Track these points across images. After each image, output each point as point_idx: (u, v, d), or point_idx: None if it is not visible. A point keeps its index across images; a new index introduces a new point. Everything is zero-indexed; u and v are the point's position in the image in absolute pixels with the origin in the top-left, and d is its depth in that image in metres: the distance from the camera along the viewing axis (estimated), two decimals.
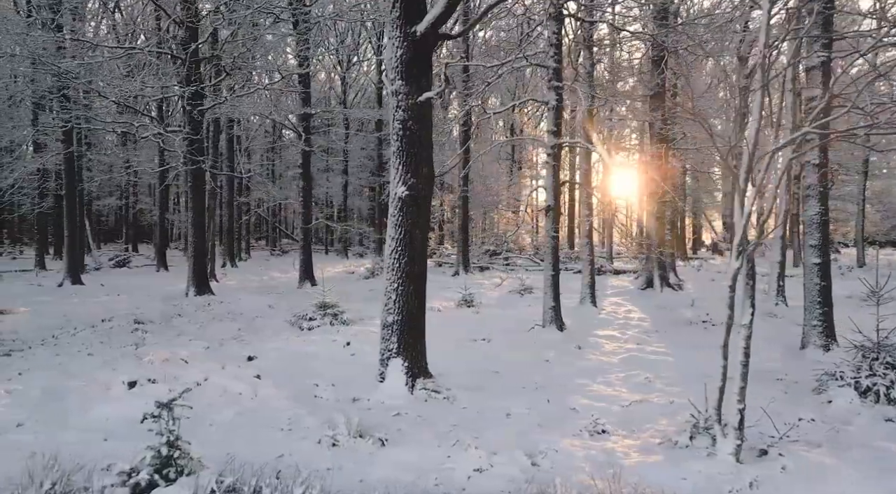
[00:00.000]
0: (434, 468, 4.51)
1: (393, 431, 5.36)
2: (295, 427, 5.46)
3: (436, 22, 6.30)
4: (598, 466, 4.54)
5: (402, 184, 6.68)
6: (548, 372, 8.21)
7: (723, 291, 16.28)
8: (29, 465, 4.07)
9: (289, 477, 4.07)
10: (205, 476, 4.00)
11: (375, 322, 12.67)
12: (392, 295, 6.91)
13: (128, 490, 4.06)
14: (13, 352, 9.36)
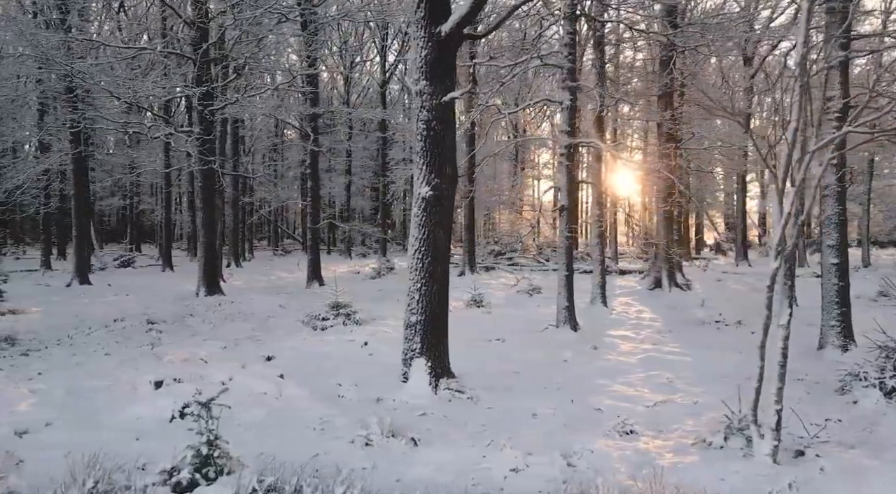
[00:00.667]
0: (470, 468, 4.52)
1: (423, 431, 5.36)
2: (327, 426, 5.47)
3: (461, 22, 6.31)
4: (633, 466, 4.54)
5: (426, 184, 6.69)
6: (567, 372, 8.22)
7: (731, 291, 16.49)
8: (70, 464, 4.07)
9: (328, 477, 4.07)
10: (245, 476, 4.01)
11: (388, 322, 12.73)
12: (415, 295, 6.92)
13: (169, 489, 4.07)
14: (31, 352, 9.38)
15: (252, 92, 15.11)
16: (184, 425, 5.80)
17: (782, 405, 4.61)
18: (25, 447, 4.94)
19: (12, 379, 7.55)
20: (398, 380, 7.24)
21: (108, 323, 12.27)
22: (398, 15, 21.57)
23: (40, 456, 4.71)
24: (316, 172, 19.71)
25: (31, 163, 22.56)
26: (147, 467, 4.55)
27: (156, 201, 45.26)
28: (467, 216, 25.86)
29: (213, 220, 16.02)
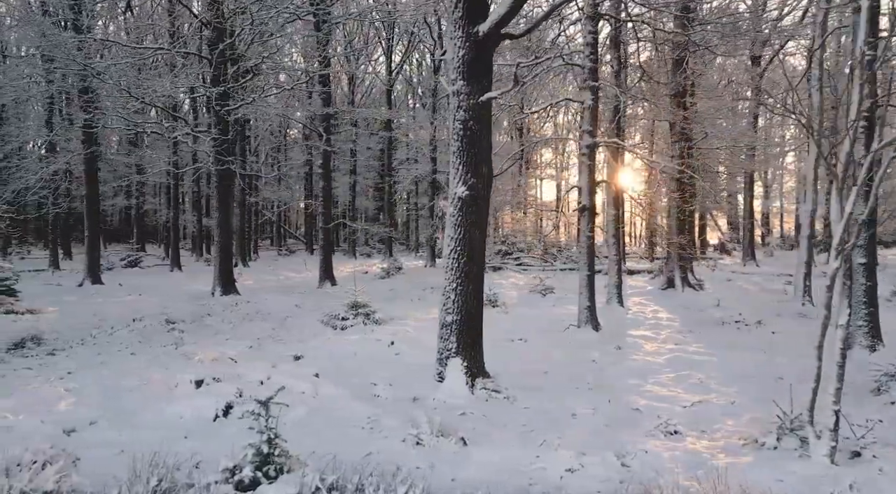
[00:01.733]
0: (525, 468, 4.52)
1: (469, 431, 5.36)
2: (374, 425, 5.47)
3: (500, 22, 6.31)
4: (687, 467, 4.55)
5: (463, 183, 6.70)
6: (597, 372, 8.22)
7: (743, 291, 16.46)
8: (130, 462, 4.07)
9: (387, 476, 4.08)
10: (307, 474, 4.01)
11: (407, 321, 12.75)
12: (451, 295, 6.92)
13: (231, 487, 4.07)
14: (57, 351, 9.39)
15: (269, 92, 15.05)
16: (227, 423, 5.83)
17: (840, 405, 4.61)
18: (76, 445, 4.91)
19: (44, 377, 7.57)
20: (432, 380, 7.25)
21: (127, 322, 12.27)
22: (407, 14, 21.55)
23: (93, 455, 4.71)
24: (328, 172, 19.72)
25: (43, 163, 22.55)
26: (201, 465, 4.55)
27: (159, 201, 45.30)
28: None
29: (229, 221, 16.02)
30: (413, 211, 45.77)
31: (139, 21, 27.29)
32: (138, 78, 14.95)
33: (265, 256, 42.65)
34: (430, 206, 32.82)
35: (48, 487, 3.95)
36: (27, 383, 7.31)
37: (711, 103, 20.05)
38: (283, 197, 45.18)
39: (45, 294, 17.07)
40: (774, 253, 40.03)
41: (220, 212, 15.45)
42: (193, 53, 14.97)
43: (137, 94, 14.41)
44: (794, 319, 12.99)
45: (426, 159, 36.54)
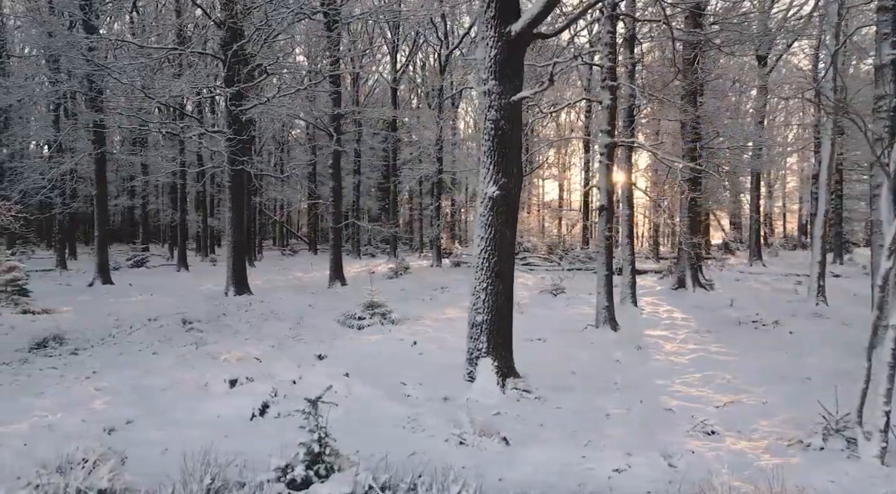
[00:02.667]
0: (572, 468, 4.53)
1: (508, 430, 5.36)
2: (415, 425, 5.47)
3: (533, 21, 6.31)
4: (733, 467, 4.53)
5: (493, 183, 6.70)
6: (623, 372, 8.22)
7: (754, 291, 16.38)
8: (181, 461, 4.09)
9: (439, 475, 4.08)
10: (361, 473, 4.01)
11: (424, 321, 12.76)
12: (481, 295, 6.93)
13: (283, 486, 4.08)
14: (79, 351, 9.39)
15: (286, 91, 15.04)
16: (264, 422, 5.83)
17: (891, 407, 4.60)
18: (119, 443, 4.93)
19: (71, 377, 7.57)
20: (461, 380, 7.25)
21: (144, 322, 12.27)
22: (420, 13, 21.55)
23: (138, 453, 4.72)
24: (338, 172, 19.71)
25: (52, 163, 22.53)
26: (247, 464, 4.55)
27: (162, 201, 45.32)
28: None
29: (242, 220, 16.03)
30: (417, 211, 45.80)
31: (144, 20, 27.30)
32: (154, 78, 14.91)
33: (269, 256, 42.66)
34: (437, 206, 32.82)
35: (102, 485, 3.96)
36: (56, 382, 7.32)
37: (721, 103, 20.06)
38: (288, 196, 45.20)
39: (57, 293, 17.08)
40: (779, 253, 40.11)
41: (233, 211, 15.45)
42: (208, 54, 14.96)
43: (153, 95, 14.39)
44: (810, 319, 12.99)
45: (431, 159, 36.58)
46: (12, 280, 13.13)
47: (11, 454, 4.62)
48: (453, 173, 37.51)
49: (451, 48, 32.73)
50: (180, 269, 28.18)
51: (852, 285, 19.80)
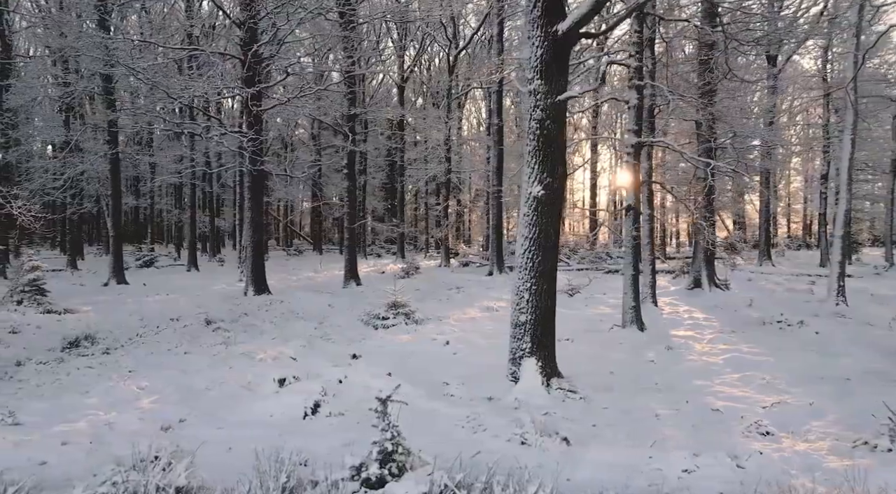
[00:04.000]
0: (640, 468, 4.52)
1: (566, 431, 5.36)
2: (474, 424, 5.47)
3: (581, 21, 6.31)
4: (801, 469, 4.53)
5: (538, 182, 6.69)
6: (659, 372, 8.22)
7: (768, 291, 16.34)
8: (256, 459, 4.09)
9: (513, 475, 4.07)
10: (437, 472, 4.01)
11: (448, 321, 12.77)
12: (525, 295, 6.92)
13: (358, 485, 4.07)
14: (111, 350, 9.38)
15: (305, 92, 15.02)
16: (316, 421, 5.84)
17: None
18: (179, 442, 4.92)
19: (110, 376, 7.56)
20: (502, 379, 7.24)
21: (167, 322, 12.28)
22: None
23: (202, 451, 4.69)
24: (353, 172, 19.71)
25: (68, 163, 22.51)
26: (308, 462, 4.56)
27: (167, 202, 45.31)
28: (495, 215, 25.84)
29: (261, 220, 16.01)
30: (422, 211, 45.83)
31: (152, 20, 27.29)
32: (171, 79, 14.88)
33: (274, 256, 42.58)
34: (445, 206, 32.82)
35: (179, 483, 3.96)
36: (96, 381, 7.31)
37: (735, 102, 20.04)
38: (293, 197, 45.22)
39: (74, 293, 17.05)
40: (785, 253, 40.15)
41: (252, 211, 15.43)
42: (228, 54, 14.94)
43: (176, 95, 14.38)
44: (833, 319, 12.98)
45: (437, 159, 36.58)
46: (34, 279, 13.11)
47: (81, 452, 4.62)
48: (458, 173, 37.56)
49: (459, 48, 32.74)
50: (190, 269, 28.16)
51: (867, 285, 19.82)
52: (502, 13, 26.09)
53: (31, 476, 3.96)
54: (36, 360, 8.36)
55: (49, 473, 4.26)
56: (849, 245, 33.36)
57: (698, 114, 17.39)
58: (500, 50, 25.87)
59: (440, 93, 41.70)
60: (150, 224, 40.50)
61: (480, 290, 19.41)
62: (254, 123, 14.51)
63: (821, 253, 32.31)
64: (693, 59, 13.49)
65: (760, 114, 29.57)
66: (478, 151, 42.95)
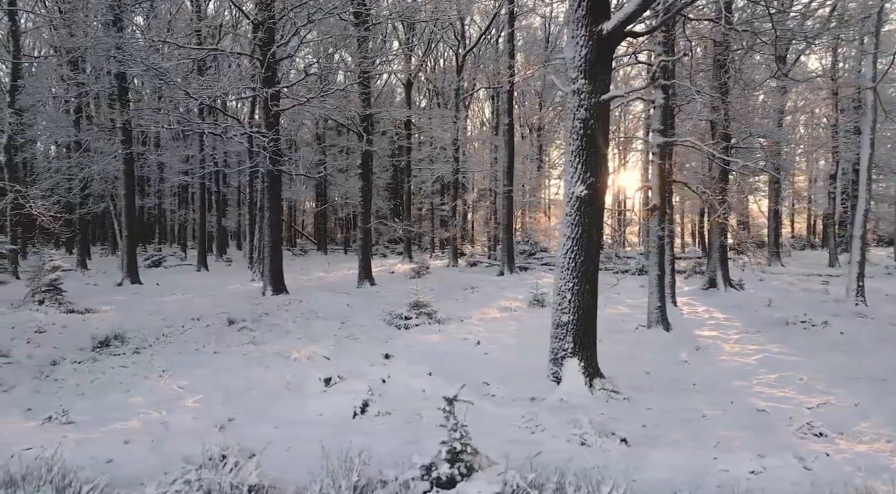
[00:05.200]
0: (706, 469, 4.50)
1: (619, 431, 5.34)
2: (531, 424, 5.45)
3: (626, 20, 6.30)
4: (869, 471, 4.50)
5: (581, 182, 6.68)
6: (695, 373, 8.20)
7: (783, 291, 16.32)
8: (324, 458, 4.08)
9: (584, 475, 4.06)
10: (510, 473, 3.99)
11: (471, 321, 12.77)
12: (567, 295, 6.90)
13: (428, 484, 4.06)
14: (140, 350, 9.35)
15: (328, 91, 15.01)
16: (366, 420, 5.82)
17: None
18: (236, 441, 4.92)
19: (145, 376, 7.55)
20: (542, 379, 7.23)
21: (189, 321, 12.25)
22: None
23: (260, 450, 4.69)
24: (367, 172, 19.71)
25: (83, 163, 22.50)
26: (369, 462, 4.53)
27: (172, 202, 45.30)
28: (505, 216, 25.82)
29: (278, 220, 16.01)
30: (428, 210, 45.81)
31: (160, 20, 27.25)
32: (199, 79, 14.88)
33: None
34: (453, 206, 32.81)
35: (252, 481, 3.95)
36: (134, 380, 7.30)
37: (750, 102, 20.06)
38: (297, 196, 45.19)
39: (89, 293, 17.01)
40: (791, 253, 40.14)
41: (270, 211, 15.41)
42: (247, 54, 14.92)
43: (197, 95, 14.36)
44: (854, 319, 12.97)
45: (444, 159, 36.57)
46: (55, 279, 13.09)
47: (143, 450, 4.61)
48: (466, 173, 37.57)
49: (468, 48, 32.75)
50: (200, 269, 28.12)
51: (881, 285, 19.80)
52: (513, 13, 26.11)
53: (103, 474, 3.94)
54: (70, 360, 8.33)
55: (117, 471, 4.25)
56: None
57: (713, 114, 17.44)
58: (512, 50, 25.86)
59: (446, 93, 41.77)
60: (157, 224, 40.38)
61: (494, 290, 19.39)
62: (273, 123, 14.49)
63: (829, 253, 32.31)
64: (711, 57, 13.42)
65: (769, 114, 29.61)
66: (481, 152, 42.94)
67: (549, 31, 43.20)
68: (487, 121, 47.79)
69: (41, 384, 7.18)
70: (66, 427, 5.31)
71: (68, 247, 37.27)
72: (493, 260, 32.41)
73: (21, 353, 8.69)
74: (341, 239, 57.08)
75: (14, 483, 3.83)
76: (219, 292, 17.91)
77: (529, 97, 44.03)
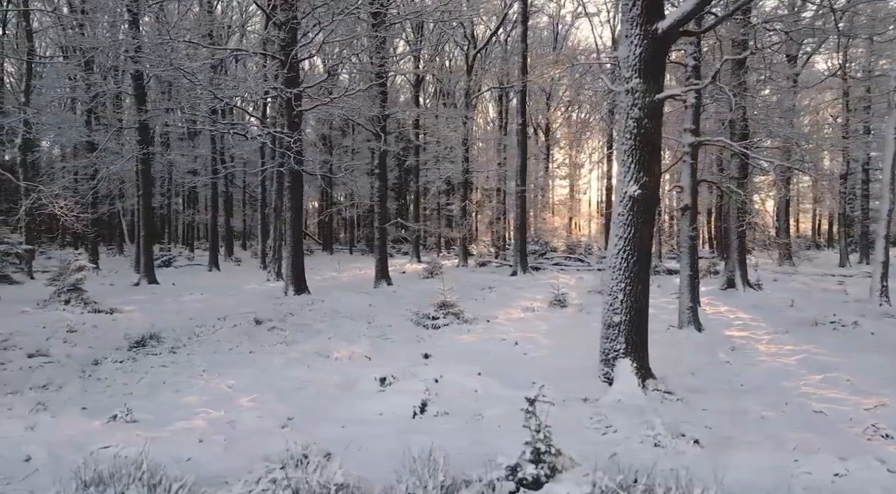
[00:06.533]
0: (789, 472, 4.46)
1: (688, 433, 5.31)
2: (599, 425, 5.42)
3: (683, 19, 6.27)
4: None
5: (634, 182, 6.65)
6: (739, 373, 8.17)
7: (801, 291, 16.18)
8: (405, 457, 4.06)
9: (672, 477, 4.03)
10: (597, 474, 3.96)
11: (498, 321, 12.76)
12: (619, 295, 6.87)
13: (514, 485, 4.04)
14: (176, 349, 9.31)
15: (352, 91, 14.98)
16: (426, 420, 5.80)
17: None
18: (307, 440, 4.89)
19: (189, 375, 7.52)
20: (591, 379, 7.20)
21: (215, 321, 12.22)
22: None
23: (334, 449, 4.67)
24: (384, 172, 19.67)
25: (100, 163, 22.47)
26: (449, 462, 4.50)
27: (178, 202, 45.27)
28: (519, 216, 25.81)
29: (300, 220, 15.97)
30: (430, 211, 45.78)
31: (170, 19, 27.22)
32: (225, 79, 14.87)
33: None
34: (463, 206, 32.80)
35: (338, 480, 3.91)
36: (180, 380, 7.28)
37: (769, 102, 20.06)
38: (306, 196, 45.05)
39: (109, 293, 16.97)
40: (799, 253, 40.12)
41: (293, 211, 15.38)
42: (270, 54, 14.89)
43: (223, 95, 14.34)
44: (882, 320, 12.95)
45: (449, 159, 36.55)
46: (80, 279, 13.06)
47: (218, 448, 4.59)
48: (476, 173, 37.53)
49: (478, 48, 32.74)
50: (212, 269, 28.12)
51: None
52: (527, 12, 26.09)
53: (189, 473, 3.92)
54: (111, 359, 8.30)
55: (196, 470, 4.22)
56: (867, 244, 33.49)
57: (732, 114, 17.41)
58: (525, 49, 25.83)
59: (454, 93, 41.77)
60: (167, 224, 40.39)
61: (511, 290, 19.36)
62: (296, 123, 14.47)
63: (840, 253, 32.32)
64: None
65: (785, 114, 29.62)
66: (485, 151, 42.95)
67: (556, 31, 43.30)
68: (492, 121, 47.77)
69: (87, 383, 7.14)
70: (131, 426, 5.28)
71: (75, 248, 37.22)
72: (501, 260, 32.40)
73: (60, 352, 8.66)
74: (345, 239, 57.10)
75: (103, 481, 3.80)
76: (238, 292, 17.89)
77: (535, 96, 44.03)
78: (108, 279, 22.36)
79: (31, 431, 5.08)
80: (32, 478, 4.09)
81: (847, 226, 33.29)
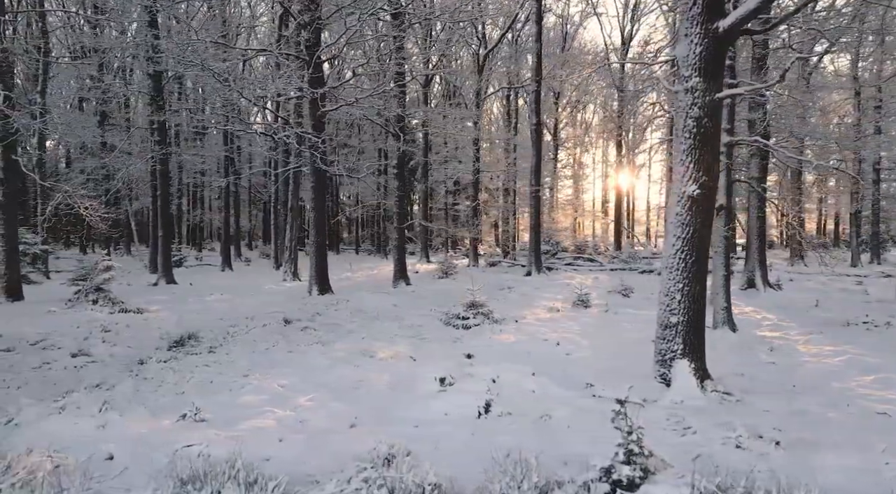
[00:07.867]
0: (882, 474, 4.41)
1: (765, 435, 5.26)
2: (679, 427, 5.37)
3: (746, 17, 6.22)
4: None
5: (693, 181, 6.61)
6: (787, 374, 8.11)
7: (820, 291, 16.05)
8: (499, 458, 4.01)
9: (767, 479, 3.99)
10: (696, 476, 3.92)
11: (527, 320, 12.72)
12: (676, 296, 6.82)
13: (608, 486, 3.99)
14: (214, 349, 9.26)
15: (374, 92, 14.97)
16: (490, 420, 5.75)
17: None
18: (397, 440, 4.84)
19: (236, 374, 7.48)
20: (646, 380, 7.14)
21: (244, 321, 12.19)
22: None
23: (413, 447, 4.62)
24: (402, 173, 19.63)
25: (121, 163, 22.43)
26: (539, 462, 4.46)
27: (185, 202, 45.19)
28: (533, 215, 25.75)
29: (323, 219, 15.91)
30: (440, 210, 45.74)
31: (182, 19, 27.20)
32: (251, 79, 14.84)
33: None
34: (474, 206, 32.76)
35: (430, 479, 3.88)
36: (227, 380, 7.23)
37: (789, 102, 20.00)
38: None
39: (130, 293, 16.89)
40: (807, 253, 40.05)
41: (315, 211, 15.34)
42: (293, 54, 14.84)
43: (250, 96, 14.31)
44: None
45: (456, 159, 36.52)
46: (107, 279, 13.01)
47: (299, 448, 4.54)
48: (486, 172, 37.50)
49: (489, 48, 32.72)
50: (224, 269, 28.07)
51: None
52: (541, 11, 26.05)
53: (285, 474, 3.87)
54: (155, 359, 8.25)
55: (284, 469, 4.17)
56: (878, 244, 33.48)
57: (753, 113, 17.38)
58: (539, 49, 25.77)
59: (463, 93, 41.70)
60: (177, 224, 40.38)
61: (530, 290, 19.31)
62: (321, 124, 14.42)
63: (852, 253, 32.28)
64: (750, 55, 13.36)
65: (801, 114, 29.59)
66: (491, 152, 42.89)
67: (565, 31, 43.24)
68: (496, 121, 47.74)
69: (138, 383, 7.09)
70: (201, 425, 5.24)
71: (82, 248, 37.13)
72: (510, 259, 32.38)
73: (101, 352, 8.62)
74: (349, 239, 57.08)
75: (198, 479, 3.76)
76: (258, 292, 17.84)
77: (544, 96, 43.94)
78: (125, 279, 22.25)
79: (103, 429, 5.03)
80: (124, 476, 4.04)
81: (859, 226, 33.23)
